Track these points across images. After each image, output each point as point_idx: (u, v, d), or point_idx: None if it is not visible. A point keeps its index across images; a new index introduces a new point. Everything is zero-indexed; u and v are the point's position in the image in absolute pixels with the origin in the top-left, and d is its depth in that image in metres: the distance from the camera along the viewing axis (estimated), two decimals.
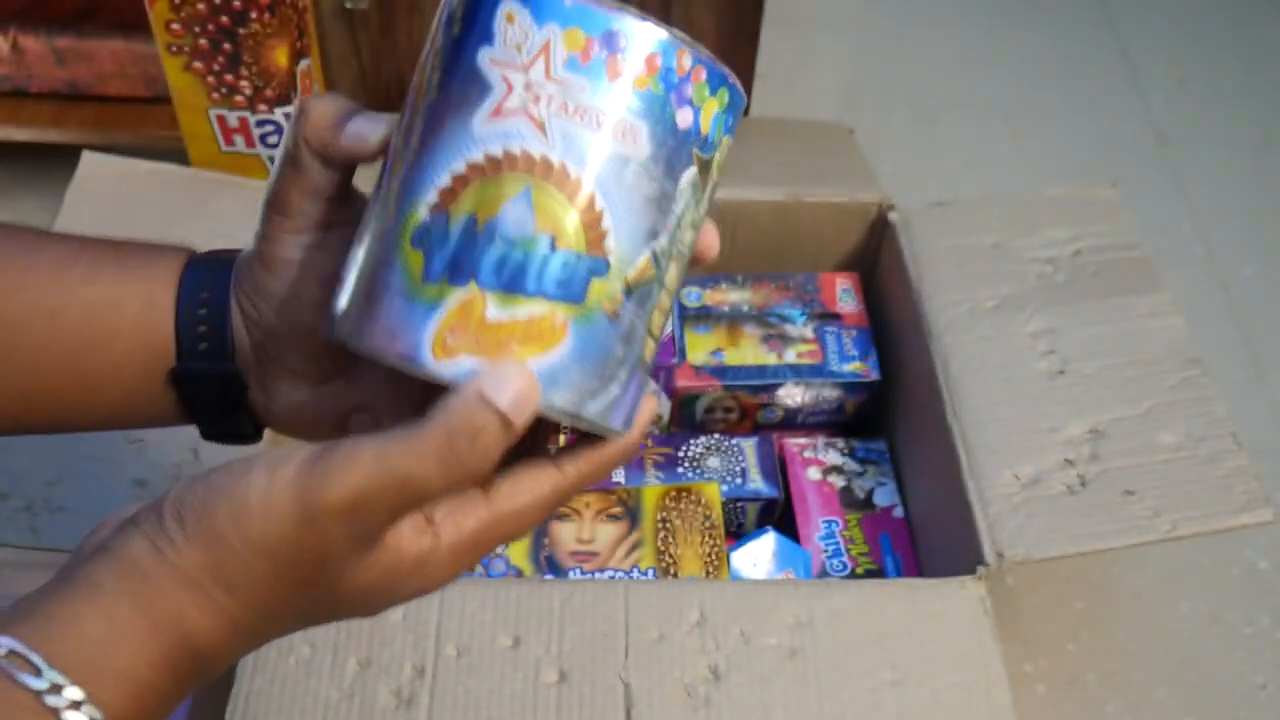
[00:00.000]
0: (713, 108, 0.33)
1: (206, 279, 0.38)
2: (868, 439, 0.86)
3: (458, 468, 0.29)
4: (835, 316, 0.88)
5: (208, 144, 0.91)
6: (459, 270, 0.31)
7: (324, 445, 0.30)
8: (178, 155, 0.90)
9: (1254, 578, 0.93)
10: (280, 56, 0.86)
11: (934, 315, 0.78)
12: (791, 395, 0.85)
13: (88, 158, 0.80)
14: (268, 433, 0.42)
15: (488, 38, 0.31)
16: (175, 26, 0.83)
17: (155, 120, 1.05)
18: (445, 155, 0.31)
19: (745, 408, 0.86)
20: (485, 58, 0.31)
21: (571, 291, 0.31)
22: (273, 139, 0.90)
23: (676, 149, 0.32)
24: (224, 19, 0.83)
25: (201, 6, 0.82)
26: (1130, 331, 0.76)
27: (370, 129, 0.34)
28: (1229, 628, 0.89)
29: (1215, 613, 0.90)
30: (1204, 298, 1.16)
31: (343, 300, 0.33)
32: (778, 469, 0.83)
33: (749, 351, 0.85)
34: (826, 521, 0.80)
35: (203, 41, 0.84)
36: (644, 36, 0.31)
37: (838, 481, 0.83)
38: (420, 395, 0.37)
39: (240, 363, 0.38)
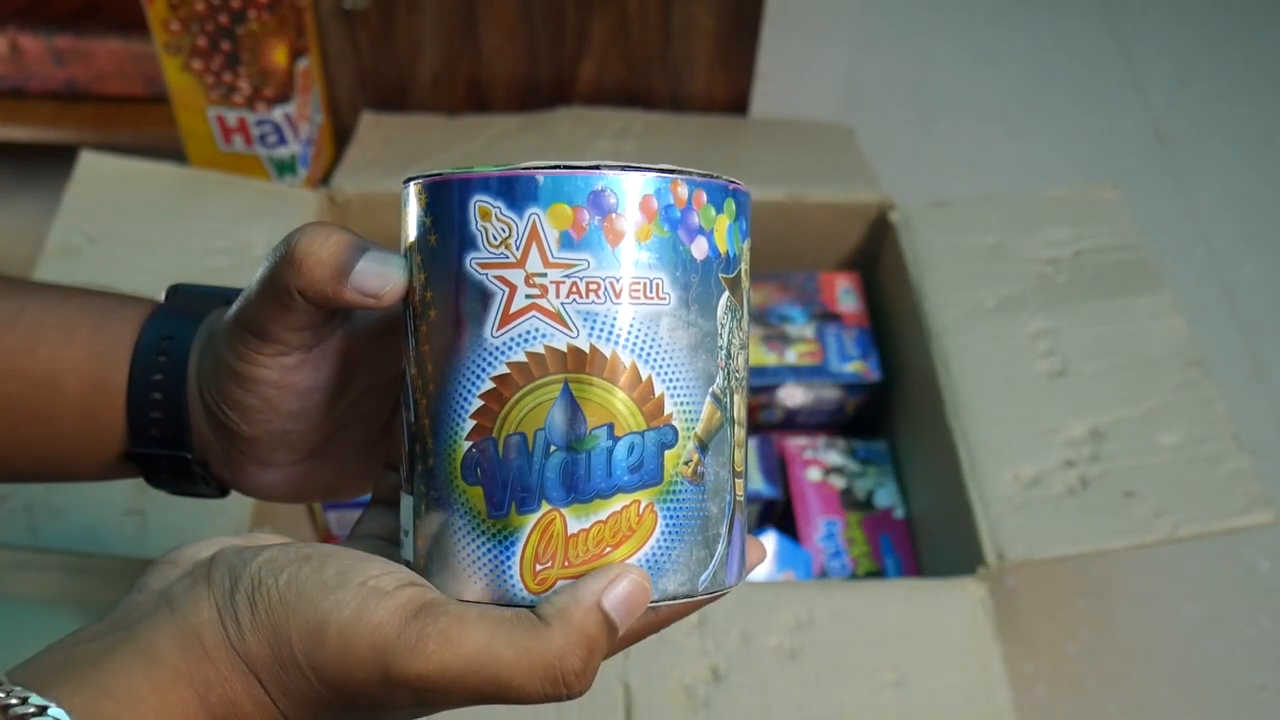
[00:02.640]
0: (724, 223, 0.30)
1: (162, 361, 0.36)
2: (868, 439, 0.86)
3: (562, 686, 0.28)
4: (836, 316, 0.88)
5: (206, 143, 0.91)
6: (526, 497, 0.29)
7: (427, 603, 0.28)
8: (176, 155, 0.90)
9: (1254, 578, 0.93)
10: (279, 56, 0.86)
11: (934, 315, 0.78)
12: (792, 395, 0.85)
13: (86, 157, 0.80)
14: None
15: (470, 242, 0.29)
16: (173, 26, 0.83)
17: (154, 120, 1.04)
18: (467, 377, 0.29)
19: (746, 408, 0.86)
20: (473, 263, 0.29)
21: (648, 474, 0.29)
22: (271, 138, 0.90)
23: (702, 283, 0.30)
24: (222, 18, 0.83)
25: (200, 6, 0.82)
26: (1131, 332, 0.76)
27: (382, 279, 0.30)
28: (1229, 628, 0.89)
29: (1216, 613, 0.90)
30: (1204, 298, 1.16)
31: (408, 551, 0.31)
32: (778, 469, 0.83)
33: (749, 351, 0.85)
34: (827, 522, 0.80)
35: (201, 41, 0.84)
36: (631, 185, 0.29)
37: (838, 482, 0.83)
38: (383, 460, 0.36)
39: (199, 447, 0.36)
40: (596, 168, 0.28)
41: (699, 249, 0.30)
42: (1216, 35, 1.49)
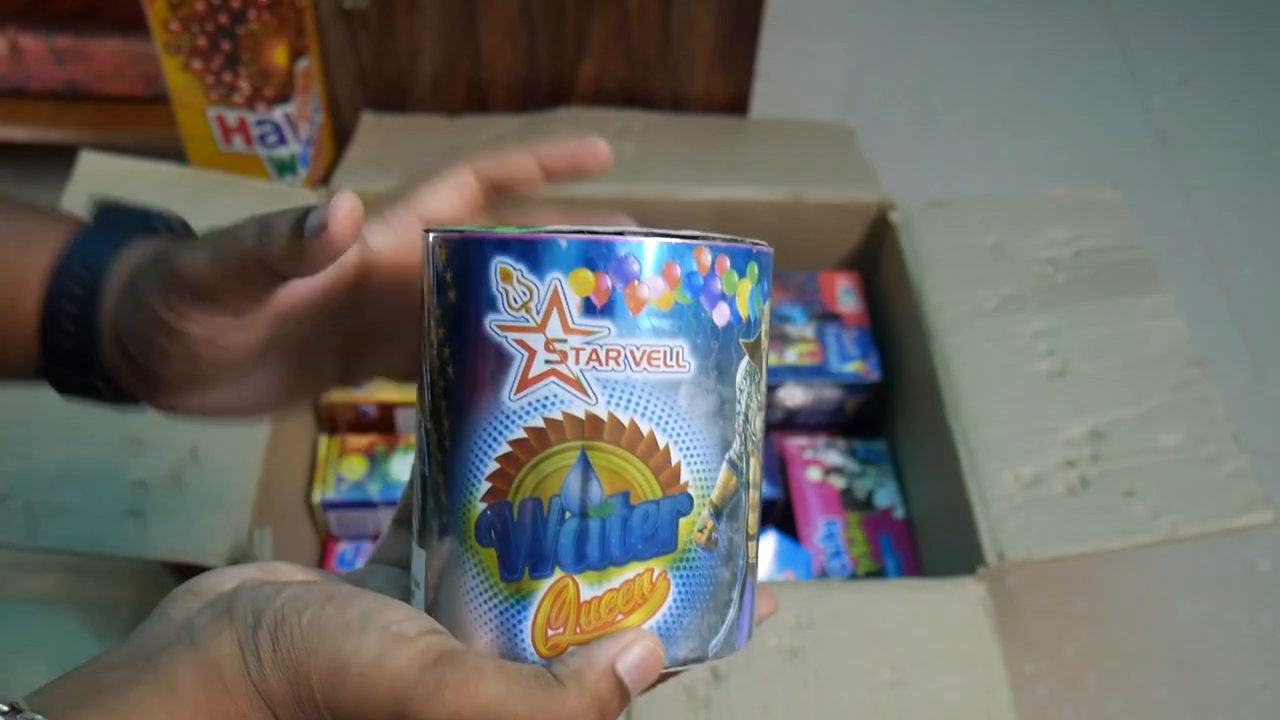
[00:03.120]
0: (746, 288, 0.30)
1: (77, 293, 0.35)
2: (868, 439, 0.86)
3: None
4: (836, 316, 0.88)
5: (206, 143, 0.91)
6: (539, 562, 0.29)
7: (447, 652, 0.28)
8: (176, 154, 0.90)
9: (1254, 578, 0.93)
10: (279, 56, 0.86)
11: (934, 315, 0.78)
12: (792, 395, 0.85)
13: (86, 157, 0.80)
14: None
15: (490, 303, 0.28)
16: (173, 26, 0.83)
17: (154, 120, 1.04)
18: (483, 439, 0.29)
19: None
20: (493, 325, 0.28)
21: (662, 542, 0.29)
22: (271, 138, 0.90)
23: (723, 349, 0.29)
24: (222, 18, 0.83)
25: (200, 6, 0.82)
26: (1131, 332, 0.76)
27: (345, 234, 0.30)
28: (1229, 628, 0.89)
29: (1216, 613, 0.90)
30: (1204, 298, 1.16)
31: (419, 603, 0.31)
32: (778, 469, 0.83)
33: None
34: (827, 522, 0.80)
35: (201, 41, 0.84)
36: (655, 252, 0.28)
37: (838, 482, 0.83)
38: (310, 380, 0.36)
39: (110, 369, 0.37)
40: (621, 233, 0.28)
41: (720, 315, 0.29)
42: (1216, 35, 1.49)
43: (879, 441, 0.86)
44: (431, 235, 0.30)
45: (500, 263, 0.28)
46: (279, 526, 0.71)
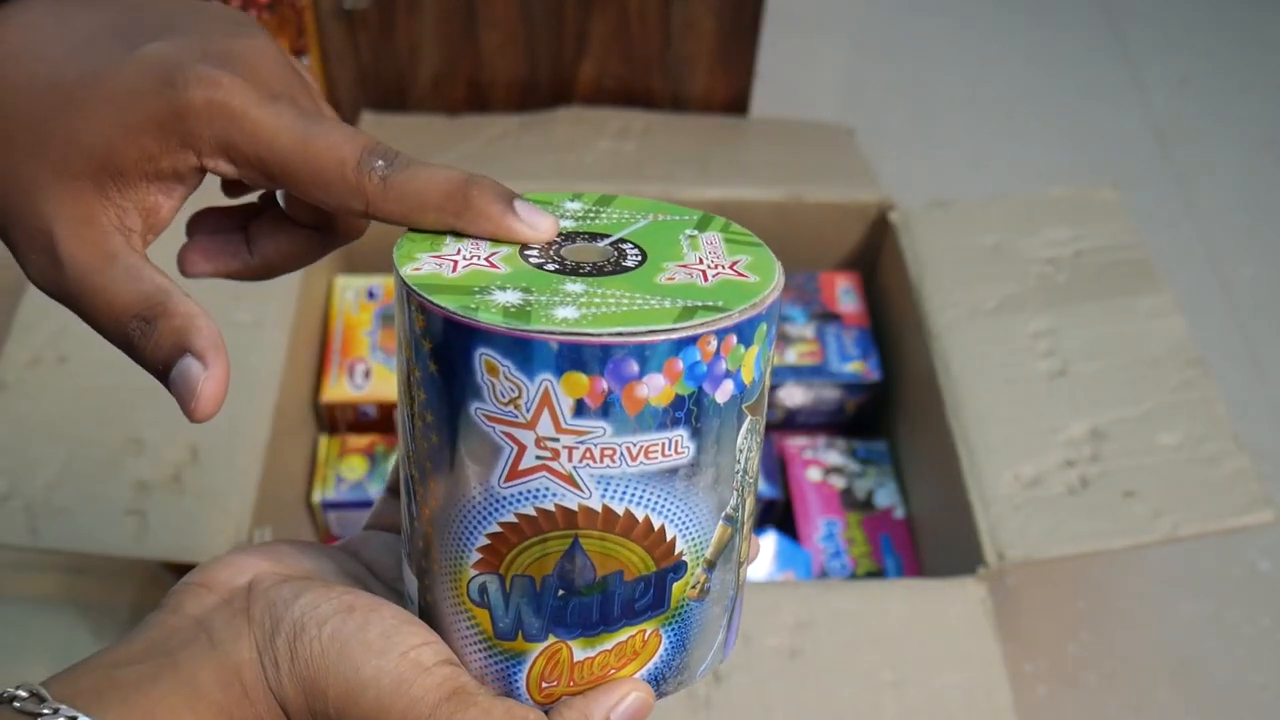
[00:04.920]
0: (752, 354, 0.27)
1: None
2: (868, 439, 0.86)
3: None
4: (836, 316, 0.88)
5: None
6: (532, 630, 0.29)
7: (459, 689, 0.29)
8: None
9: (1254, 578, 0.93)
10: None
11: (934, 315, 0.78)
12: (792, 396, 0.85)
13: None
14: None
15: (475, 392, 0.26)
16: None
17: None
18: (473, 518, 0.28)
19: None
20: (479, 413, 0.26)
21: (654, 605, 0.29)
22: None
23: (724, 423, 0.27)
24: None
25: None
26: (1131, 332, 0.76)
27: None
28: (1229, 628, 0.89)
29: (1216, 613, 0.90)
30: (1204, 298, 1.16)
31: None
32: (778, 469, 0.83)
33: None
34: (827, 522, 0.80)
35: None
36: (655, 351, 0.25)
37: (838, 482, 0.83)
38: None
39: None
40: (618, 335, 0.25)
41: (724, 393, 0.27)
42: (1216, 35, 1.49)
43: (879, 441, 0.86)
44: (408, 291, 0.27)
45: (485, 355, 0.25)
46: (279, 526, 0.71)
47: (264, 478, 0.67)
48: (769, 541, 0.77)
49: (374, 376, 0.81)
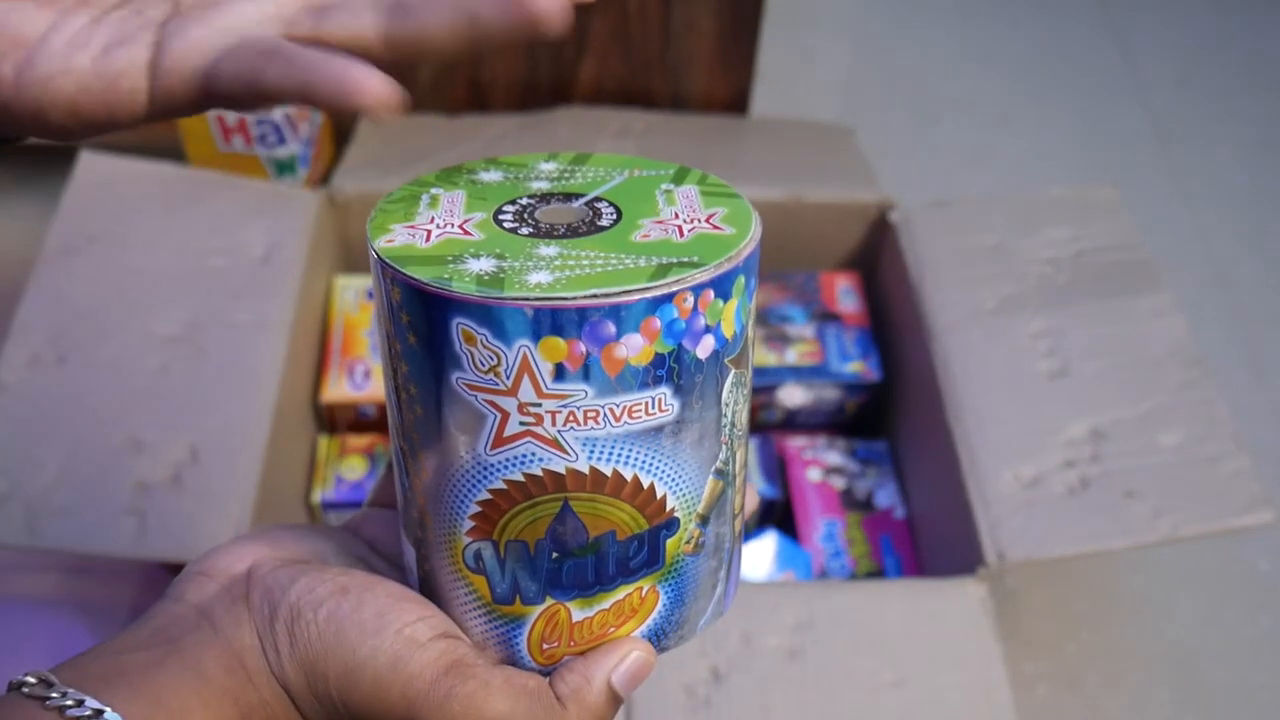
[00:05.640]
0: (731, 307, 0.27)
1: None
2: (868, 439, 0.86)
3: None
4: (836, 316, 0.88)
5: (206, 143, 0.91)
6: (529, 593, 0.29)
7: (457, 661, 0.29)
8: (176, 155, 0.90)
9: (1254, 578, 0.93)
10: None
11: (934, 315, 0.78)
12: (792, 396, 0.85)
13: (85, 157, 0.80)
14: None
15: (454, 361, 0.26)
16: None
17: None
18: (461, 485, 0.28)
19: None
20: (460, 383, 0.26)
21: (649, 562, 0.29)
22: (271, 138, 0.90)
23: (707, 378, 0.27)
24: None
25: None
26: (1131, 332, 0.76)
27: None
28: (1229, 628, 0.89)
29: (1216, 613, 0.90)
30: (1204, 298, 1.16)
31: (417, 590, 0.32)
32: (778, 469, 0.83)
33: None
34: (827, 522, 0.80)
35: None
36: (631, 311, 0.25)
37: (838, 482, 0.83)
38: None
39: None
40: (593, 297, 0.25)
41: (705, 348, 0.27)
42: (1216, 35, 1.49)
43: (879, 441, 0.86)
44: (382, 265, 0.27)
45: (461, 324, 0.25)
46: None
47: (264, 478, 0.67)
48: (769, 541, 0.77)
49: (374, 376, 0.81)
